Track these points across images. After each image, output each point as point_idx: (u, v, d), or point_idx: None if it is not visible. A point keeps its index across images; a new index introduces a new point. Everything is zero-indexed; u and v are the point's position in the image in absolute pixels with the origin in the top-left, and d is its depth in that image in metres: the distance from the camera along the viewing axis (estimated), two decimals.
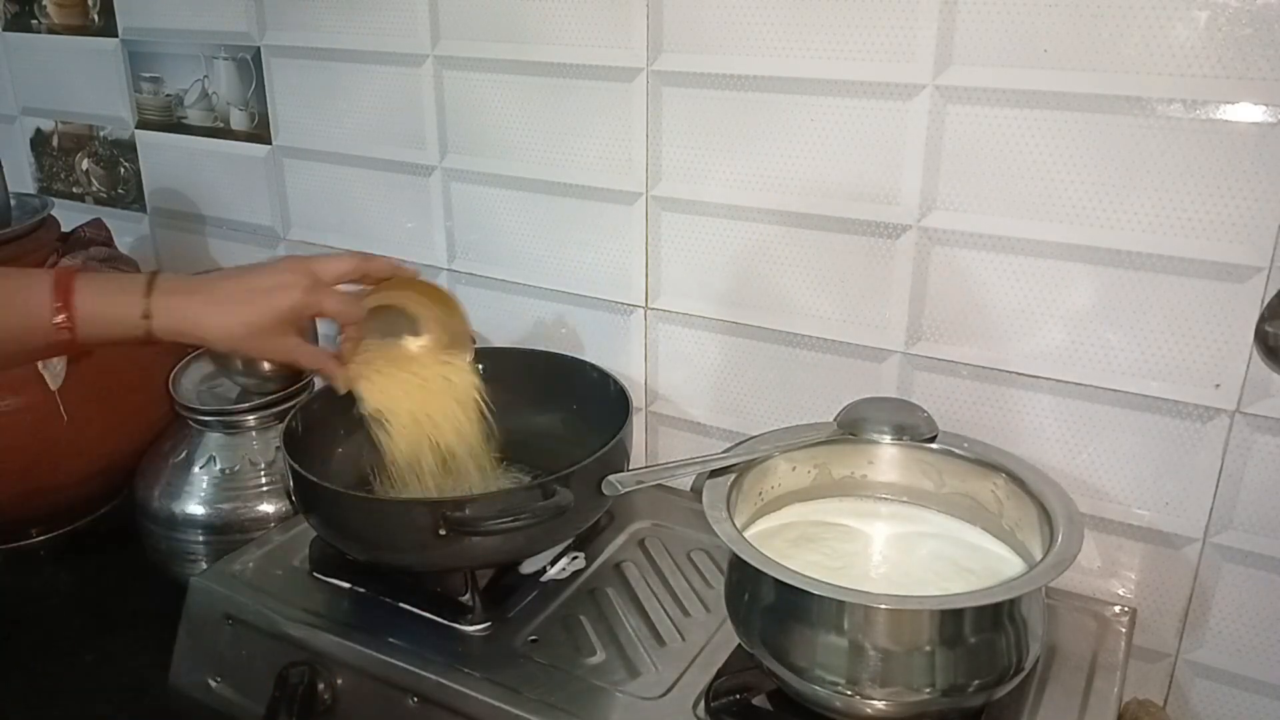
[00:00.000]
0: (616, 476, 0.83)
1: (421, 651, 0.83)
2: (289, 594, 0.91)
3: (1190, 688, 0.92)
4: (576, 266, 1.11)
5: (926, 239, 0.91)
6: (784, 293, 0.99)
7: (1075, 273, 0.85)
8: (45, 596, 1.12)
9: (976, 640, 0.70)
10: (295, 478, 0.88)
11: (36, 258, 1.14)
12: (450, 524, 0.80)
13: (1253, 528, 0.85)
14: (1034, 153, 0.84)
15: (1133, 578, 0.91)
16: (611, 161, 1.04)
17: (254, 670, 0.88)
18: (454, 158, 1.15)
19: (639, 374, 1.10)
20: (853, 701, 0.71)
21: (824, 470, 0.89)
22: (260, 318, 0.82)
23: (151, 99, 1.37)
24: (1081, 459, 0.90)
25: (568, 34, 1.02)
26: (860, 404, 0.92)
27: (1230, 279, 0.80)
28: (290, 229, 1.32)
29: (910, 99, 0.87)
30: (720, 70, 0.95)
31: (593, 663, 0.83)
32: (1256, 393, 0.82)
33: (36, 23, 1.44)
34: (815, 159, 0.93)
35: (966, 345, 0.92)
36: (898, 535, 0.86)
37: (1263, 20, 0.74)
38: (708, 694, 0.78)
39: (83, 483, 1.17)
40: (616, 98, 1.01)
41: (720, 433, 1.08)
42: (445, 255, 1.20)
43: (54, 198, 1.34)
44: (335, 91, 1.20)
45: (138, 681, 0.96)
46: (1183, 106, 0.78)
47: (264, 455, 1.09)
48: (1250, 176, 0.77)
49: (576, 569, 0.94)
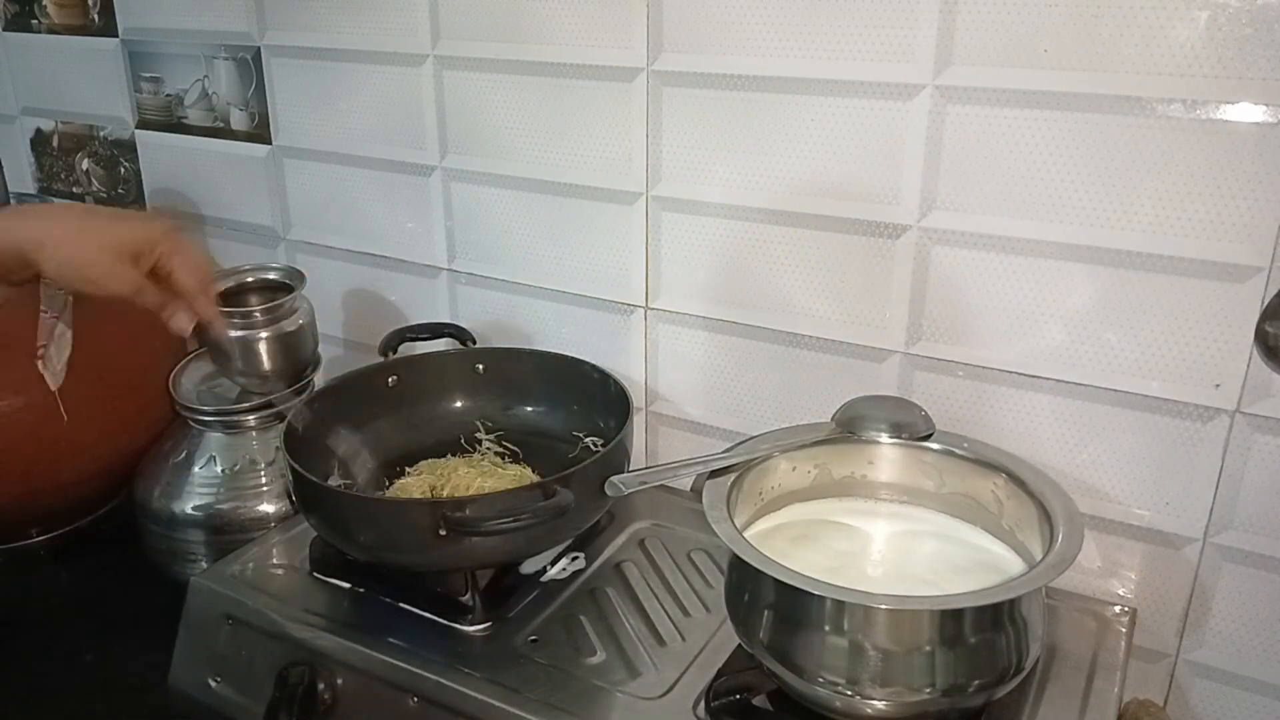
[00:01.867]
0: (619, 478, 0.83)
1: (421, 651, 0.83)
2: (289, 594, 0.91)
3: (1190, 688, 0.92)
4: (576, 266, 1.11)
5: (926, 239, 0.91)
6: (784, 293, 0.99)
7: (1075, 273, 0.85)
8: (45, 596, 1.12)
9: (976, 640, 0.70)
10: (295, 478, 0.88)
11: None
12: (450, 524, 0.80)
13: (1253, 528, 0.85)
14: (1034, 153, 0.84)
15: (1133, 578, 0.91)
16: (611, 161, 1.04)
17: (254, 670, 0.88)
18: (454, 158, 1.15)
19: (639, 374, 1.10)
20: (853, 701, 0.71)
21: (824, 470, 0.89)
22: (101, 238, 0.75)
23: (151, 99, 1.37)
24: (1081, 459, 0.90)
25: (567, 34, 1.02)
26: (858, 402, 0.92)
27: (1230, 279, 0.80)
28: (290, 229, 1.32)
29: (910, 99, 0.87)
30: (720, 70, 0.95)
31: (593, 663, 0.83)
32: (1256, 393, 0.82)
33: (36, 23, 1.44)
34: (815, 159, 0.93)
35: (966, 345, 0.92)
36: (898, 535, 0.87)
37: (1263, 20, 0.74)
38: (708, 694, 0.78)
39: (83, 483, 1.17)
40: (616, 98, 1.01)
41: (720, 433, 1.08)
42: (445, 255, 1.20)
43: (54, 198, 1.34)
44: (335, 91, 1.20)
45: (138, 681, 0.96)
46: (1183, 106, 0.78)
47: (264, 455, 1.09)
48: (1250, 176, 0.77)
49: (577, 569, 0.94)
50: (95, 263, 0.75)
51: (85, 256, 0.75)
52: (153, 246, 0.77)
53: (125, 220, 0.78)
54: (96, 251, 0.75)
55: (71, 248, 0.75)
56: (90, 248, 0.75)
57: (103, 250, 0.75)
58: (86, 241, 0.75)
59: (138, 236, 0.76)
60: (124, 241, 0.76)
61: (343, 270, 1.28)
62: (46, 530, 1.20)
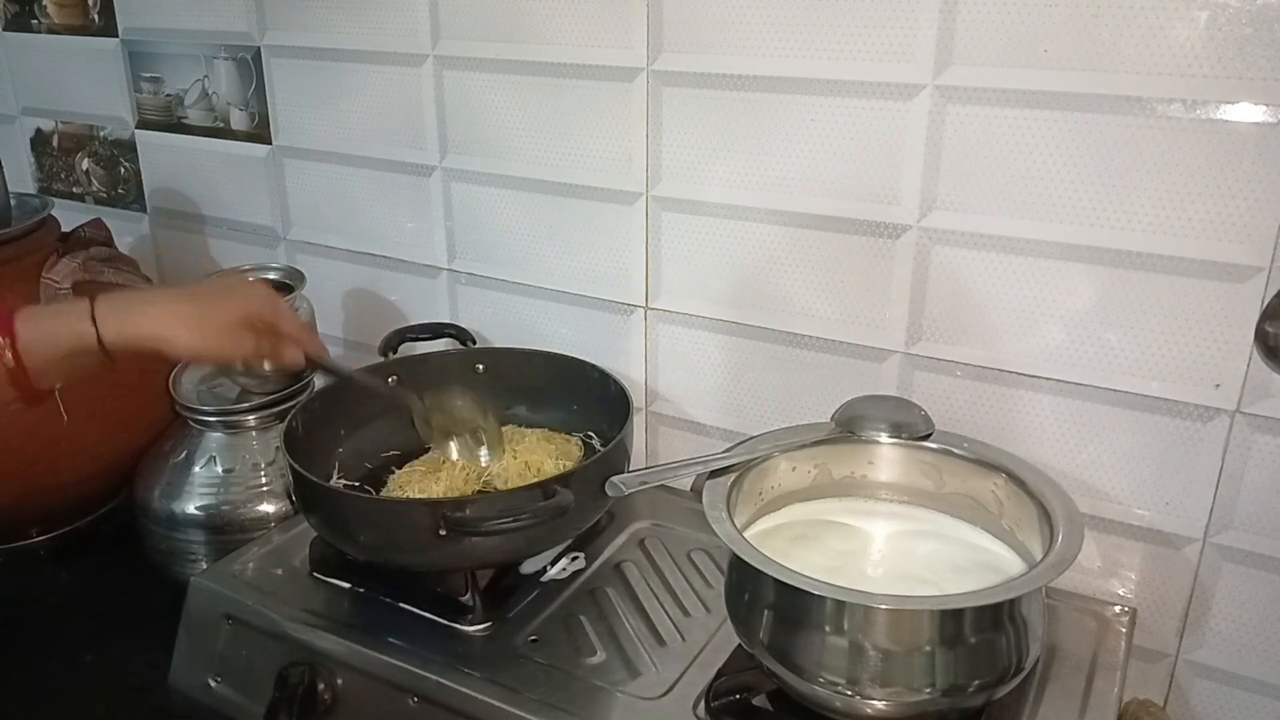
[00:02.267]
0: (620, 478, 0.83)
1: (421, 651, 0.83)
2: (289, 594, 0.91)
3: (1190, 688, 0.92)
4: (576, 266, 1.11)
5: (926, 239, 0.91)
6: (784, 293, 0.99)
7: (1075, 273, 0.85)
8: (45, 596, 1.12)
9: (976, 640, 0.70)
10: (296, 478, 0.88)
11: (36, 258, 1.14)
12: (451, 524, 0.80)
13: (1253, 528, 0.85)
14: (1034, 153, 0.84)
15: (1133, 578, 0.91)
16: (611, 161, 1.04)
17: (254, 670, 0.88)
18: (454, 158, 1.15)
19: (639, 374, 1.10)
20: (853, 701, 0.71)
21: (824, 470, 0.89)
22: (218, 323, 0.81)
23: (151, 99, 1.37)
24: (1081, 459, 0.90)
25: (567, 34, 1.02)
26: (857, 402, 0.92)
27: (1230, 279, 0.80)
28: (290, 229, 1.32)
29: (910, 99, 0.87)
30: (720, 70, 0.95)
31: (593, 663, 0.83)
32: (1256, 393, 0.82)
33: (36, 23, 1.44)
34: (815, 159, 0.93)
35: (966, 345, 0.92)
36: (898, 535, 0.86)
37: (1263, 20, 0.74)
38: (708, 694, 0.78)
39: (83, 483, 1.17)
40: (616, 98, 1.01)
41: (720, 433, 1.08)
42: (445, 255, 1.20)
43: (54, 198, 1.34)
44: (335, 91, 1.20)
45: (138, 681, 0.96)
46: (1183, 106, 0.78)
47: (264, 455, 1.09)
48: (1250, 176, 0.77)
49: (577, 569, 0.94)
50: (216, 345, 0.82)
51: (207, 343, 0.82)
52: (260, 316, 0.83)
53: (230, 297, 0.84)
54: (216, 337, 0.81)
55: (193, 339, 0.80)
56: (210, 337, 0.81)
57: (221, 334, 0.81)
58: (206, 332, 0.81)
59: (248, 311, 0.83)
60: (237, 319, 0.82)
61: (343, 270, 1.28)
62: (46, 530, 1.20)
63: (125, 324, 0.78)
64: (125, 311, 0.79)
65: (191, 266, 1.42)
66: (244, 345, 0.83)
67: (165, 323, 0.79)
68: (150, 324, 0.79)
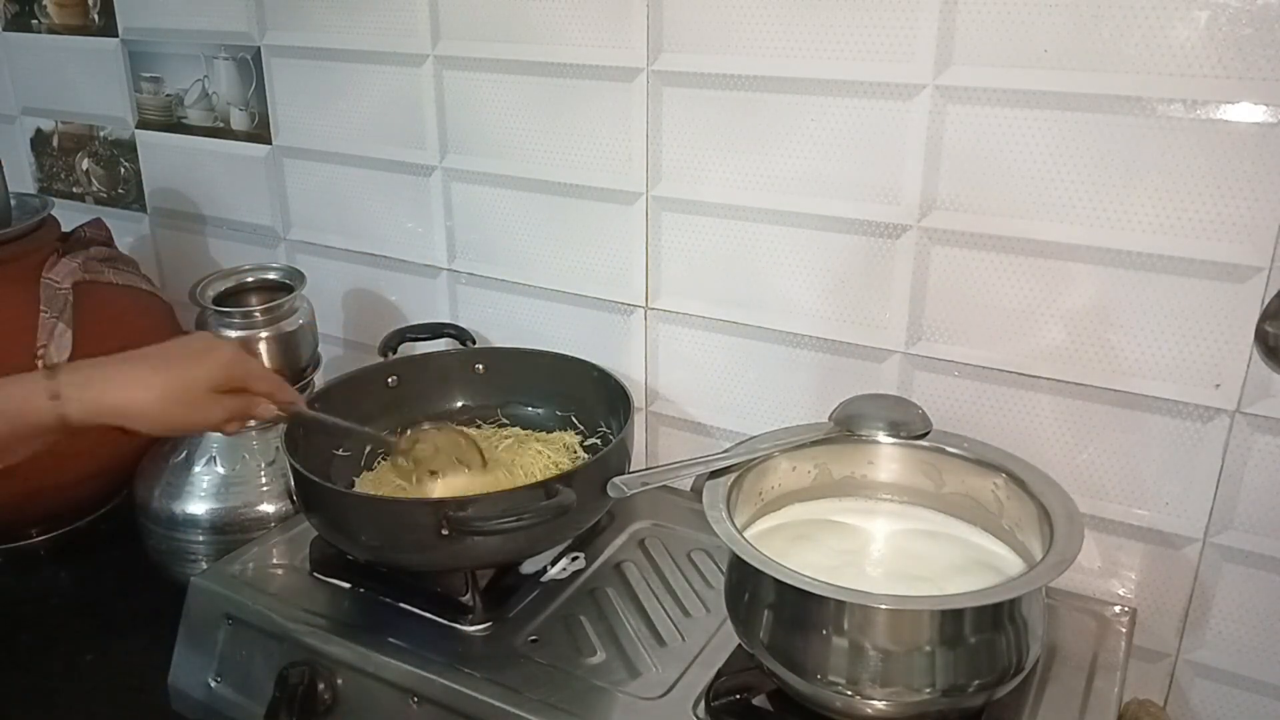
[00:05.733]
0: (621, 479, 0.83)
1: (421, 651, 0.83)
2: (289, 594, 0.91)
3: (1190, 688, 0.92)
4: (576, 266, 1.11)
5: (926, 239, 0.91)
6: (784, 293, 0.99)
7: (1075, 273, 0.85)
8: (45, 596, 1.12)
9: (976, 640, 0.70)
10: (296, 477, 0.88)
11: (36, 258, 1.14)
12: (452, 524, 0.80)
13: (1253, 528, 0.85)
14: (1034, 153, 0.84)
15: (1133, 578, 0.91)
16: (611, 161, 1.04)
17: (254, 670, 0.88)
18: (454, 158, 1.15)
19: (639, 374, 1.10)
20: (853, 701, 0.71)
21: (824, 470, 0.89)
22: (183, 395, 0.78)
23: (151, 99, 1.37)
24: (1081, 459, 0.90)
25: (568, 34, 1.02)
26: (855, 400, 0.92)
27: (1230, 279, 0.80)
28: (290, 229, 1.32)
29: (910, 99, 0.87)
30: (720, 70, 0.95)
31: (593, 663, 0.83)
32: (1256, 393, 0.82)
33: (36, 23, 1.44)
34: (815, 159, 0.93)
35: (967, 345, 0.92)
36: (898, 535, 0.87)
37: (1263, 20, 0.74)
38: (708, 694, 0.78)
39: (83, 483, 1.17)
40: (616, 98, 1.01)
41: (720, 433, 1.08)
42: (445, 255, 1.20)
43: (54, 198, 1.34)
44: (335, 91, 1.20)
45: (138, 681, 0.96)
46: (1183, 106, 0.78)
47: (264, 455, 1.09)
48: (1250, 176, 0.77)
49: (577, 569, 0.94)
50: (185, 419, 0.80)
51: (172, 417, 0.79)
52: (230, 379, 0.81)
53: (199, 363, 0.80)
54: (185, 410, 0.79)
55: (162, 415, 0.78)
56: (179, 411, 0.78)
57: (190, 407, 0.79)
58: (170, 405, 0.78)
59: (213, 377, 0.79)
60: (201, 387, 0.79)
61: (343, 270, 1.28)
62: (46, 530, 1.20)
63: (88, 401, 0.75)
64: (88, 386, 0.75)
65: (192, 267, 1.42)
66: (213, 415, 0.81)
67: (132, 397, 0.77)
68: (116, 399, 0.76)
